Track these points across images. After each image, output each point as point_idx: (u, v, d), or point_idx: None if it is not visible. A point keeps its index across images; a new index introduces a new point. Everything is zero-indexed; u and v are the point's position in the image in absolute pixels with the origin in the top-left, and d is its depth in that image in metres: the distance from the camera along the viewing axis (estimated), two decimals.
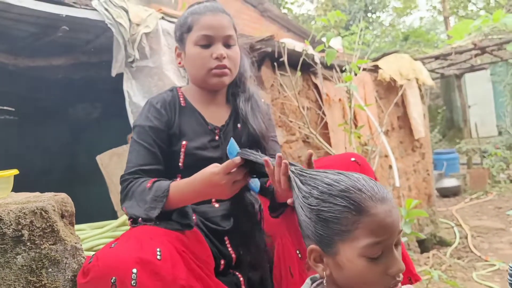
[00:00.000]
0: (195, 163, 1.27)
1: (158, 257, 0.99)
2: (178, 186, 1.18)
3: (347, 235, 0.78)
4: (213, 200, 1.33)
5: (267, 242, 1.32)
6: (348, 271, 0.79)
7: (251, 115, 1.40)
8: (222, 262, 1.26)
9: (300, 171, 0.93)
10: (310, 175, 0.88)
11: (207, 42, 1.32)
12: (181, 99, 1.40)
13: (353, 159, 1.30)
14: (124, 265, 0.94)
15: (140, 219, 1.19)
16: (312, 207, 0.82)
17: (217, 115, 1.41)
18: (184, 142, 1.32)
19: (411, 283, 1.26)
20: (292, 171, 0.95)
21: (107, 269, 0.94)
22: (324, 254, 0.82)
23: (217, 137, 1.37)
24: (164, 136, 1.32)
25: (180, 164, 1.32)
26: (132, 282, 0.93)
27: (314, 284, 0.88)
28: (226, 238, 1.30)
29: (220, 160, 1.31)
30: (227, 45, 1.35)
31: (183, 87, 1.47)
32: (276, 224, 1.29)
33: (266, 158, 1.08)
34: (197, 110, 1.39)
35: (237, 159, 1.11)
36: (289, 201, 1.10)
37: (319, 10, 13.00)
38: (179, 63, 1.43)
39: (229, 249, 1.29)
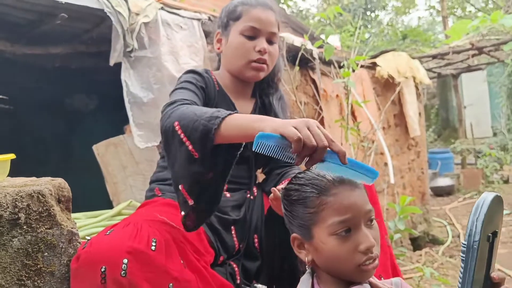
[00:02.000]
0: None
1: (153, 247, 0.99)
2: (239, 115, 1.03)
3: (316, 218, 0.84)
4: (225, 189, 1.31)
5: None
6: (323, 252, 0.84)
7: (281, 114, 1.45)
8: (222, 258, 1.27)
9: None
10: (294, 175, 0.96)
11: (252, 34, 1.35)
12: (215, 83, 1.41)
13: None
14: (115, 254, 0.94)
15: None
16: (287, 198, 0.90)
17: (243, 106, 1.44)
18: None
19: None
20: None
21: (98, 257, 0.94)
22: (304, 241, 0.88)
23: None
24: (204, 98, 1.29)
25: None
26: (122, 273, 0.92)
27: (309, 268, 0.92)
28: (233, 227, 1.31)
29: (245, 151, 1.26)
30: (270, 42, 1.37)
31: (214, 72, 1.47)
32: None
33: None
34: (229, 98, 1.42)
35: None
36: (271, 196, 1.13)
37: (320, 8, 13.01)
38: (218, 48, 1.45)
39: (234, 239, 1.30)
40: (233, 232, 1.30)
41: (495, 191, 0.82)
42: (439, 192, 7.34)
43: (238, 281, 1.27)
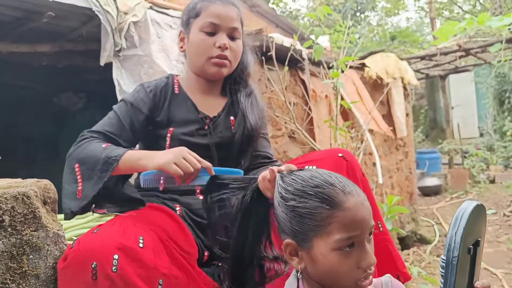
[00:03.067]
0: None
1: (141, 244, 0.99)
2: (131, 152, 1.20)
3: (321, 230, 0.79)
4: (198, 192, 1.33)
5: None
6: (321, 264, 0.80)
7: (250, 111, 1.40)
8: (206, 254, 1.26)
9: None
10: (292, 172, 0.91)
11: (212, 30, 1.33)
12: (175, 86, 1.40)
13: (340, 154, 1.30)
14: (105, 251, 0.93)
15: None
16: (287, 203, 0.84)
17: (211, 105, 1.41)
18: (171, 128, 1.33)
19: (400, 281, 1.25)
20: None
21: (88, 254, 0.93)
22: (299, 248, 0.83)
23: (206, 126, 1.37)
24: (142, 118, 1.33)
25: (166, 148, 1.32)
26: (113, 268, 0.92)
27: (299, 274, 0.89)
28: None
29: (207, 146, 1.34)
30: (232, 37, 1.35)
31: (180, 76, 1.47)
32: None
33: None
34: (189, 98, 1.40)
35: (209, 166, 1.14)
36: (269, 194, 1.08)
37: (309, 9, 13.04)
38: (181, 47, 1.43)
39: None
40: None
41: (481, 193, 0.81)
42: (427, 192, 7.42)
43: (226, 283, 1.27)
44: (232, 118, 1.41)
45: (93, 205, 1.20)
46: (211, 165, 1.13)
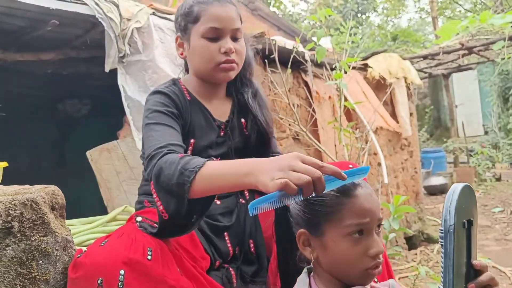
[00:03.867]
0: None
1: (149, 257, 0.97)
2: (216, 162, 1.01)
3: (332, 216, 0.84)
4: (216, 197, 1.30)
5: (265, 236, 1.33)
6: (332, 251, 0.85)
7: (260, 112, 1.36)
8: (218, 263, 1.25)
9: None
10: None
11: (215, 35, 1.25)
12: (185, 92, 1.32)
13: (350, 166, 1.30)
14: (111, 266, 0.93)
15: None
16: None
17: (220, 109, 1.36)
18: (192, 140, 1.26)
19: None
20: None
21: (94, 269, 0.93)
22: (312, 237, 0.88)
23: (222, 133, 1.33)
24: (181, 123, 1.22)
25: None
26: (119, 284, 0.91)
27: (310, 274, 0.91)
28: (225, 234, 1.29)
29: (226, 156, 1.30)
30: (235, 39, 1.28)
31: (182, 79, 1.38)
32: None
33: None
34: (202, 105, 1.32)
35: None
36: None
37: (309, 11, 13.06)
38: (181, 53, 1.34)
39: (228, 245, 1.28)
40: (226, 239, 1.27)
41: (488, 191, 0.85)
42: (433, 191, 7.39)
43: (235, 285, 1.27)
44: (243, 120, 1.37)
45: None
46: (338, 170, 0.83)
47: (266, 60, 2.86)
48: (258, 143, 1.37)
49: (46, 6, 1.95)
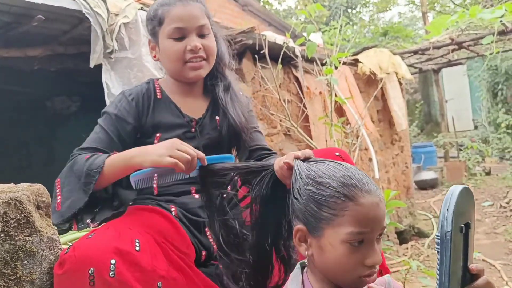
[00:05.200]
0: None
1: (137, 248, 0.98)
2: (116, 155, 1.18)
3: (334, 220, 0.81)
4: (193, 191, 1.32)
5: None
6: (328, 255, 0.81)
7: (231, 106, 1.38)
8: (204, 253, 1.25)
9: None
10: (312, 160, 0.93)
11: (180, 35, 1.29)
12: (157, 91, 1.37)
13: (337, 153, 1.30)
14: (102, 256, 0.92)
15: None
16: (306, 187, 0.85)
17: (194, 107, 1.39)
18: (158, 135, 1.31)
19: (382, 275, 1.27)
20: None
21: (84, 260, 0.92)
22: (309, 235, 0.85)
23: (193, 130, 1.36)
24: (129, 129, 1.30)
25: None
26: (111, 274, 0.91)
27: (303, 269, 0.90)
28: (207, 229, 1.28)
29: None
30: (201, 35, 1.31)
31: (160, 79, 1.44)
32: None
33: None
34: (173, 102, 1.37)
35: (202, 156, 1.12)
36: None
37: (300, 5, 13.03)
38: (154, 56, 1.39)
39: (210, 239, 1.28)
40: (208, 234, 1.27)
41: (478, 185, 0.84)
42: (423, 186, 7.44)
43: (225, 282, 1.26)
44: (217, 118, 1.39)
45: (88, 219, 1.19)
46: (204, 155, 1.11)
47: (256, 56, 2.84)
48: (231, 138, 1.38)
49: (32, 0, 1.91)
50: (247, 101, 1.50)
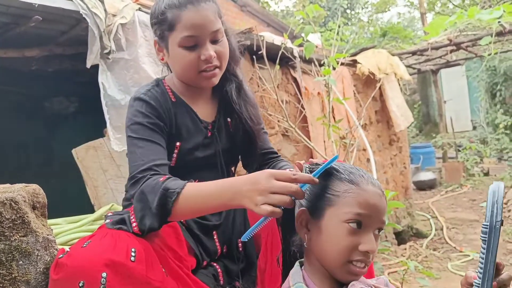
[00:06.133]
0: (187, 163, 1.24)
1: (132, 258, 0.96)
2: (197, 184, 1.03)
3: (336, 201, 0.86)
4: None
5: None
6: (326, 234, 0.86)
7: (244, 109, 1.31)
8: (205, 263, 1.24)
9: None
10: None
11: (193, 43, 1.17)
12: (170, 94, 1.27)
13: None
14: (93, 268, 0.91)
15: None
16: (312, 172, 0.90)
17: (206, 109, 1.31)
18: (178, 143, 1.22)
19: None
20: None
21: (76, 271, 0.91)
22: (311, 219, 0.89)
23: (209, 134, 1.29)
24: (165, 132, 1.20)
25: (171, 164, 1.22)
26: (101, 287, 0.90)
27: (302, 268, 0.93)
28: (214, 232, 1.27)
29: (213, 157, 1.28)
30: (215, 41, 1.20)
31: (167, 78, 1.32)
32: None
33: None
34: (189, 106, 1.28)
35: (309, 177, 0.89)
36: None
37: (298, 6, 13.03)
38: (162, 59, 1.28)
39: (216, 243, 1.27)
40: (215, 237, 1.26)
41: (476, 186, 0.85)
42: (422, 186, 7.45)
43: (222, 282, 1.26)
44: (229, 119, 1.34)
45: None
46: (310, 176, 0.88)
47: (254, 56, 2.85)
48: (245, 142, 1.34)
49: (29, 1, 1.91)
50: (254, 97, 1.43)
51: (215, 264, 1.28)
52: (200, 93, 1.31)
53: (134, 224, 1.06)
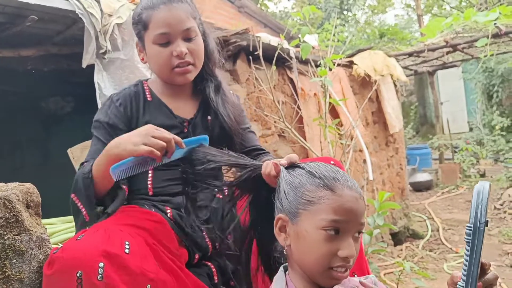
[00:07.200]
0: None
1: (126, 250, 0.97)
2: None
3: (311, 206, 0.84)
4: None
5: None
6: (304, 241, 0.84)
7: (221, 106, 1.37)
8: (197, 256, 1.25)
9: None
10: (294, 165, 0.97)
11: (165, 40, 1.26)
12: (147, 93, 1.36)
13: (332, 162, 1.31)
14: (90, 259, 0.92)
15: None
16: (293, 176, 0.90)
17: (185, 107, 1.37)
18: None
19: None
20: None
21: (73, 262, 0.91)
22: (289, 223, 0.87)
23: (185, 130, 1.34)
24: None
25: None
26: (99, 277, 0.91)
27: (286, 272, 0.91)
28: (202, 228, 1.28)
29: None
30: (188, 39, 1.28)
31: (149, 80, 1.42)
32: None
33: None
34: (164, 103, 1.35)
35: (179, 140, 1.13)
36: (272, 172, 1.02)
37: (297, 7, 13.06)
38: (142, 59, 1.37)
39: (206, 239, 1.28)
40: (203, 233, 1.27)
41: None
42: (418, 187, 7.47)
43: (216, 281, 1.26)
44: (209, 118, 1.38)
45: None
46: (181, 139, 1.13)
47: (250, 57, 2.85)
48: (222, 139, 1.37)
49: (25, 1, 1.91)
50: (238, 100, 1.49)
51: (209, 263, 1.28)
52: (179, 91, 1.38)
53: (84, 212, 1.18)
